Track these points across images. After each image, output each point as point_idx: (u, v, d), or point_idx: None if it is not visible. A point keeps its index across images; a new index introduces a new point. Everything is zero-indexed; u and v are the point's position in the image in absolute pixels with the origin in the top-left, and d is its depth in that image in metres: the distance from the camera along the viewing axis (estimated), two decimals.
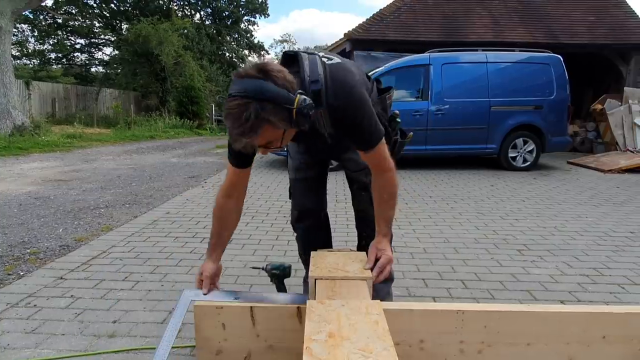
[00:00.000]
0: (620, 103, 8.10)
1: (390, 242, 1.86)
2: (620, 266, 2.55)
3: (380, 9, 10.39)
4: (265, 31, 73.68)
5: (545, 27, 9.88)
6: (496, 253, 2.77)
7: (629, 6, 10.48)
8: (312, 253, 1.54)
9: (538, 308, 1.45)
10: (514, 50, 6.84)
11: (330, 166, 1.89)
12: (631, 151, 7.35)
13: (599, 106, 8.31)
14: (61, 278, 2.26)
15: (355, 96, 1.29)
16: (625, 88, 8.47)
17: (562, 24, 9.93)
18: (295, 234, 1.93)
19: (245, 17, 30.72)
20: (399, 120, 1.67)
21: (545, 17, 10.11)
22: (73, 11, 22.47)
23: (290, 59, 1.32)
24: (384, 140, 1.38)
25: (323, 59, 1.34)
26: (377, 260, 1.42)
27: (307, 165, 1.73)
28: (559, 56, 6.57)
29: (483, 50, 6.71)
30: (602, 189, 5.12)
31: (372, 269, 1.39)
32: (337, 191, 4.64)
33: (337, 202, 4.14)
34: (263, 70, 1.08)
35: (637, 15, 10.14)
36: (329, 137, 1.41)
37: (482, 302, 2.04)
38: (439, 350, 1.43)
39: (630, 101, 7.82)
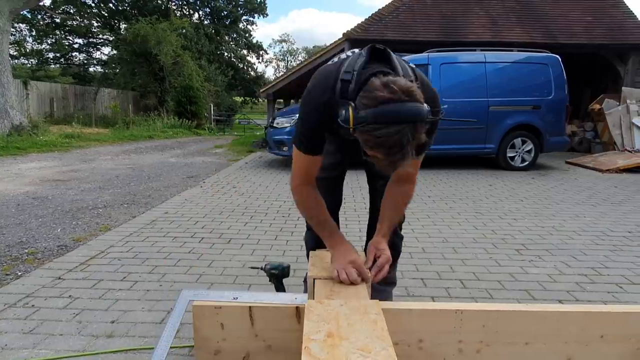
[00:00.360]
0: (618, 103, 8.12)
1: (401, 243, 1.85)
2: (619, 265, 2.56)
3: (379, 9, 10.38)
4: (264, 31, 73.86)
5: (543, 27, 9.89)
6: (495, 253, 2.77)
7: (627, 6, 10.50)
8: (311, 253, 1.55)
9: (536, 307, 1.45)
10: (512, 50, 6.85)
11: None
12: (629, 151, 7.37)
13: (597, 106, 8.34)
14: (59, 278, 2.26)
15: (439, 103, 1.42)
16: (623, 88, 8.49)
17: (560, 24, 9.95)
18: (306, 235, 1.89)
19: (244, 17, 30.77)
20: None
21: (543, 17, 10.13)
22: (71, 11, 22.46)
23: (379, 54, 1.30)
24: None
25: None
26: (375, 259, 1.42)
27: (333, 166, 1.69)
28: (557, 56, 6.58)
29: (481, 50, 6.72)
30: (600, 189, 5.13)
31: (370, 268, 1.39)
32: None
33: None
34: (409, 93, 1.06)
35: (635, 16, 10.17)
36: None
37: (480, 301, 2.05)
38: (437, 350, 1.43)
39: (628, 101, 7.84)
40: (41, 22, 21.63)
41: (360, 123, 1.07)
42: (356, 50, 1.42)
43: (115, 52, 21.05)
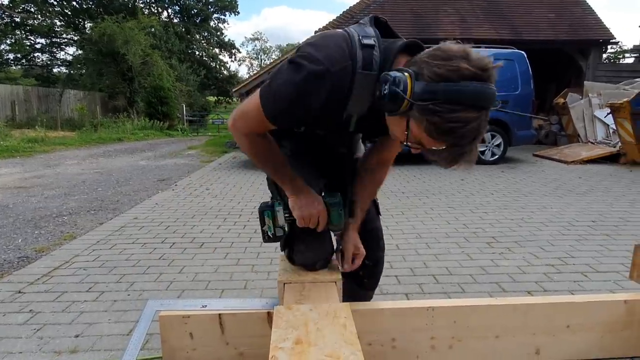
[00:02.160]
0: (581, 97, 8.44)
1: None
2: (584, 255, 2.65)
3: (350, 7, 10.43)
4: (236, 29, 72.90)
5: (510, 24, 10.18)
6: (466, 246, 2.82)
7: (587, 4, 10.94)
8: (282, 256, 1.51)
9: (505, 301, 1.48)
10: (480, 47, 7.00)
11: None
12: (592, 142, 7.68)
13: (562, 100, 8.64)
14: (19, 292, 2.14)
15: None
16: (585, 82, 8.84)
17: (525, 21, 10.27)
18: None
19: (215, 15, 30.22)
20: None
21: (509, 14, 10.42)
22: (32, 9, 21.46)
23: (385, 28, 1.10)
24: None
25: None
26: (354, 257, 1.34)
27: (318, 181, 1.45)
28: (522, 52, 6.77)
29: None
30: (566, 180, 5.33)
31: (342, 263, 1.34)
32: None
33: None
34: (491, 73, 0.86)
35: (595, 12, 10.60)
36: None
37: (453, 296, 2.07)
38: (410, 348, 1.43)
39: (590, 95, 8.16)
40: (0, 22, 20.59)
41: (428, 100, 0.82)
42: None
43: (80, 52, 20.24)
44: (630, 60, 13.81)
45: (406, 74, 0.87)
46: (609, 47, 11.21)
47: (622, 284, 2.20)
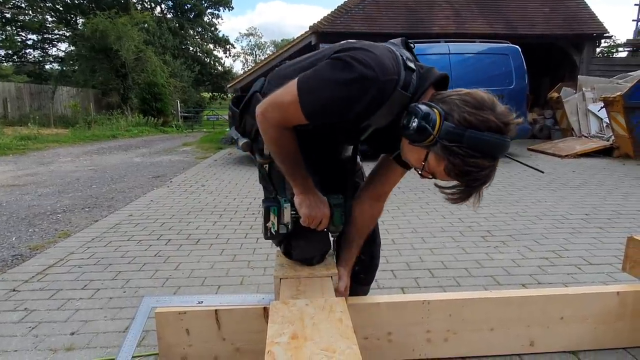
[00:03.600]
0: (574, 91, 8.49)
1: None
2: (577, 247, 2.68)
3: (345, 1, 10.37)
4: (230, 24, 72.21)
5: (504, 18, 10.19)
6: (461, 240, 2.84)
7: None
8: (278, 252, 1.51)
9: (500, 294, 1.49)
10: (474, 42, 7.01)
11: None
12: (586, 136, 7.73)
13: (556, 94, 8.68)
14: (14, 290, 2.13)
15: None
16: (579, 76, 8.88)
17: (519, 16, 10.28)
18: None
19: (209, 10, 30.00)
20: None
21: (503, 8, 10.42)
22: (22, 5, 21.16)
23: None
24: None
25: None
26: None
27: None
28: (517, 47, 6.78)
29: (445, 41, 6.84)
30: (560, 174, 5.36)
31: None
32: None
33: None
34: (509, 126, 0.92)
35: (589, 7, 10.63)
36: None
37: (448, 290, 2.09)
38: (406, 341, 1.45)
39: (583, 89, 8.20)
40: None
41: (454, 142, 0.89)
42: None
43: (72, 48, 20.03)
44: (623, 54, 13.89)
45: (436, 110, 0.92)
46: (602, 41, 11.25)
47: (615, 276, 2.23)
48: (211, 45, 31.46)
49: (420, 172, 1.01)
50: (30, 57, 23.94)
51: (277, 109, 1.05)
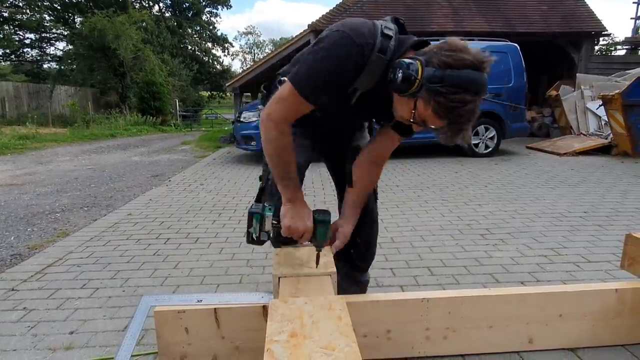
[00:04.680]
0: (573, 89, 8.49)
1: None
2: (576, 245, 2.68)
3: (343, 0, 10.35)
4: (229, 23, 72.22)
5: (502, 16, 10.18)
6: (460, 238, 2.84)
7: None
8: (276, 250, 1.51)
9: (499, 291, 1.49)
10: (473, 40, 7.00)
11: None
12: (584, 134, 7.74)
13: (554, 92, 8.68)
14: (12, 289, 2.12)
15: None
16: (577, 74, 8.88)
17: (517, 14, 10.27)
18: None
19: (207, 9, 29.91)
20: None
21: (501, 6, 10.41)
22: (20, 4, 21.08)
23: (402, 28, 1.21)
24: None
25: None
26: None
27: (306, 165, 1.52)
28: (515, 45, 6.78)
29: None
30: (558, 172, 5.37)
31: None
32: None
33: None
34: (485, 65, 1.01)
35: (587, 4, 10.63)
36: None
37: (447, 287, 2.09)
38: (406, 339, 1.45)
39: (582, 87, 8.21)
40: None
41: (436, 83, 0.98)
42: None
43: (70, 47, 19.95)
44: (622, 52, 13.90)
45: (417, 61, 1.02)
46: (601, 39, 11.26)
47: (614, 273, 2.23)
48: (210, 44, 31.40)
49: (412, 121, 1.08)
50: (28, 56, 23.88)
51: (281, 103, 1.18)
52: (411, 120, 1.08)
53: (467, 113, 1.00)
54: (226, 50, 34.07)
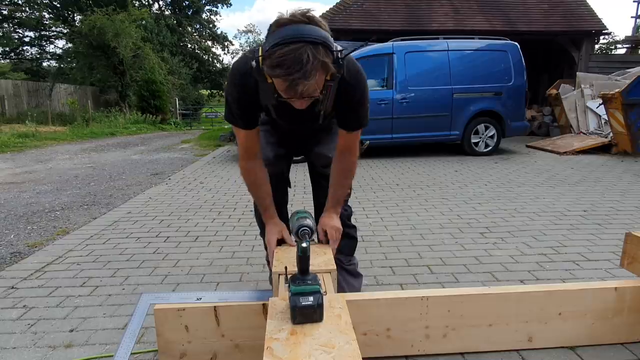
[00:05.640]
0: (573, 88, 8.48)
1: (355, 232, 1.88)
2: (575, 244, 2.68)
3: None
4: (229, 21, 72.05)
5: (503, 14, 10.16)
6: (460, 237, 2.84)
7: None
8: (277, 248, 1.52)
9: (498, 290, 1.49)
10: (473, 38, 6.99)
11: (295, 158, 1.85)
12: (584, 133, 7.73)
13: (554, 91, 8.67)
14: (12, 287, 2.12)
15: (364, 79, 1.42)
16: (577, 73, 8.87)
17: (518, 12, 10.25)
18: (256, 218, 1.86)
19: (207, 7, 29.85)
20: None
21: (502, 5, 10.40)
22: (19, 2, 21.04)
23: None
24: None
25: None
26: (326, 234, 1.57)
27: (277, 159, 1.67)
28: (515, 43, 6.77)
29: (444, 38, 6.82)
30: (558, 171, 5.37)
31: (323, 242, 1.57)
32: (306, 183, 4.63)
33: (306, 194, 4.13)
34: (308, 17, 1.10)
35: (588, 4, 10.61)
36: (321, 116, 1.41)
37: (447, 286, 2.09)
38: (405, 337, 1.45)
39: (582, 86, 8.20)
40: None
41: (266, 56, 1.07)
42: None
43: (70, 45, 19.92)
44: (622, 51, 13.87)
45: (259, 48, 1.14)
46: (601, 38, 11.25)
47: (613, 272, 2.23)
48: (209, 42, 31.35)
49: (283, 98, 1.17)
50: (28, 54, 23.87)
51: (239, 151, 1.54)
52: (281, 98, 1.16)
53: (295, 61, 1.03)
54: (226, 49, 34.14)
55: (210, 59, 31.09)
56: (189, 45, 29.14)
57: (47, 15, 22.18)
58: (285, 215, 1.76)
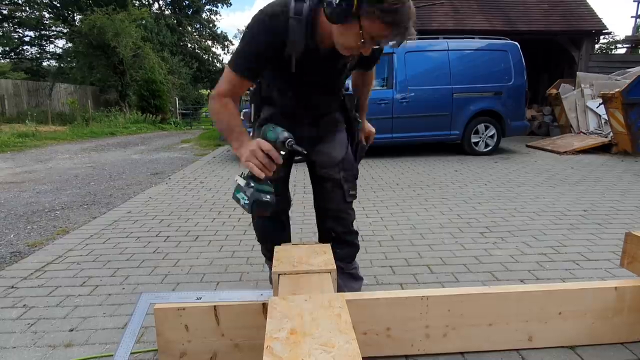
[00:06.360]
0: (573, 87, 8.48)
1: (357, 238, 1.86)
2: (575, 243, 2.68)
3: None
4: (229, 21, 71.94)
5: (503, 14, 10.16)
6: (460, 237, 2.84)
7: None
8: (276, 248, 1.52)
9: (498, 289, 1.49)
10: (473, 38, 6.99)
11: (296, 157, 1.84)
12: (584, 133, 7.73)
13: (554, 91, 8.67)
14: (12, 287, 2.12)
15: None
16: (577, 73, 8.87)
17: (518, 12, 10.25)
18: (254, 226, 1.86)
19: (207, 7, 29.84)
20: (359, 120, 1.76)
21: (502, 4, 10.40)
22: (19, 1, 21.03)
23: None
24: None
25: None
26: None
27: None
28: (515, 43, 6.77)
29: (444, 38, 6.82)
30: (558, 170, 5.37)
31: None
32: (306, 183, 4.63)
33: (306, 194, 4.13)
34: None
35: (588, 3, 10.61)
36: (347, 69, 1.49)
37: (447, 285, 2.09)
38: (405, 337, 1.45)
39: (582, 85, 8.20)
40: None
41: None
42: None
43: (70, 45, 19.92)
44: (622, 51, 13.87)
45: None
46: (601, 37, 11.25)
47: (613, 271, 2.23)
48: (209, 42, 31.33)
49: (362, 42, 1.16)
50: (28, 54, 23.86)
51: (223, 80, 1.37)
52: (361, 41, 1.15)
53: (408, 11, 1.10)
54: (226, 49, 33.96)
55: (211, 59, 31.07)
56: (189, 45, 29.14)
57: (47, 15, 22.17)
58: (287, 218, 1.85)
